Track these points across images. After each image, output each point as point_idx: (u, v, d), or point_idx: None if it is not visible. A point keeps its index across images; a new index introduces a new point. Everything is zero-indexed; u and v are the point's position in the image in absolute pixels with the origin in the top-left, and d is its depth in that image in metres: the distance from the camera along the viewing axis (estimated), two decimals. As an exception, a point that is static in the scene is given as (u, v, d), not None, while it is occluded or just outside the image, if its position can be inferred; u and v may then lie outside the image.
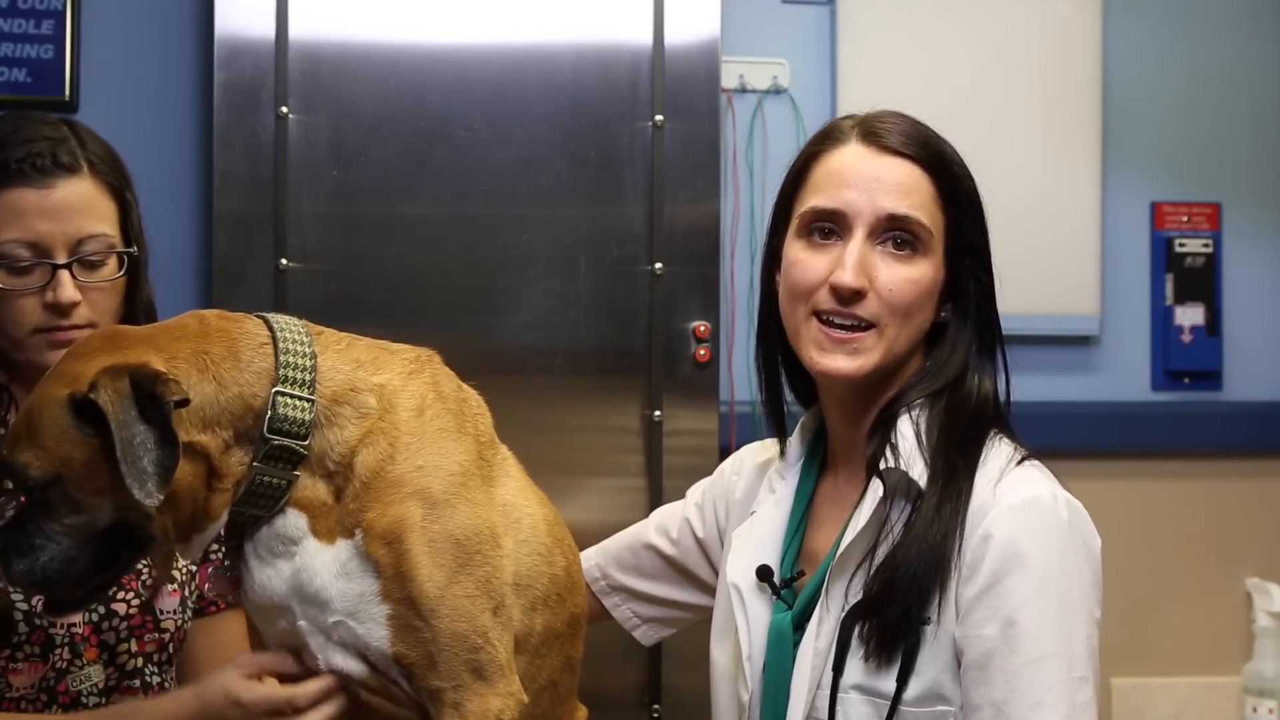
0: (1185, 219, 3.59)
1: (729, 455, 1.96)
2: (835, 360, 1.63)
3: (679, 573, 1.93)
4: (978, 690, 1.53)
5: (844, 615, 1.59)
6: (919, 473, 1.59)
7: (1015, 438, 1.66)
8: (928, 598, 1.55)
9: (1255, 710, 3.47)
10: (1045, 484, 1.58)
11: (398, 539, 1.47)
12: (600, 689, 2.15)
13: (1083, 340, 3.56)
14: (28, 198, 1.72)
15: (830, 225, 1.65)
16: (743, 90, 3.41)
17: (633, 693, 2.97)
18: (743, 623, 1.70)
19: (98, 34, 3.20)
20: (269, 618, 1.54)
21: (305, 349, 1.50)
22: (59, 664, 1.76)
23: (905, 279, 1.63)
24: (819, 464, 1.77)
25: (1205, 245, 3.58)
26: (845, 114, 1.74)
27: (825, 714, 1.58)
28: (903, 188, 1.63)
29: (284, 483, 1.48)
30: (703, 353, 2.96)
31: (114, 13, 3.22)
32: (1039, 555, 1.53)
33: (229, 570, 1.88)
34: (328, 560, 1.48)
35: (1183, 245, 3.58)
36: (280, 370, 1.48)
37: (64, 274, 1.73)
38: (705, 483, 1.95)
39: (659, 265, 2.95)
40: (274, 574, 1.50)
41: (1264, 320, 3.63)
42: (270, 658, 1.56)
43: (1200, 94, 3.61)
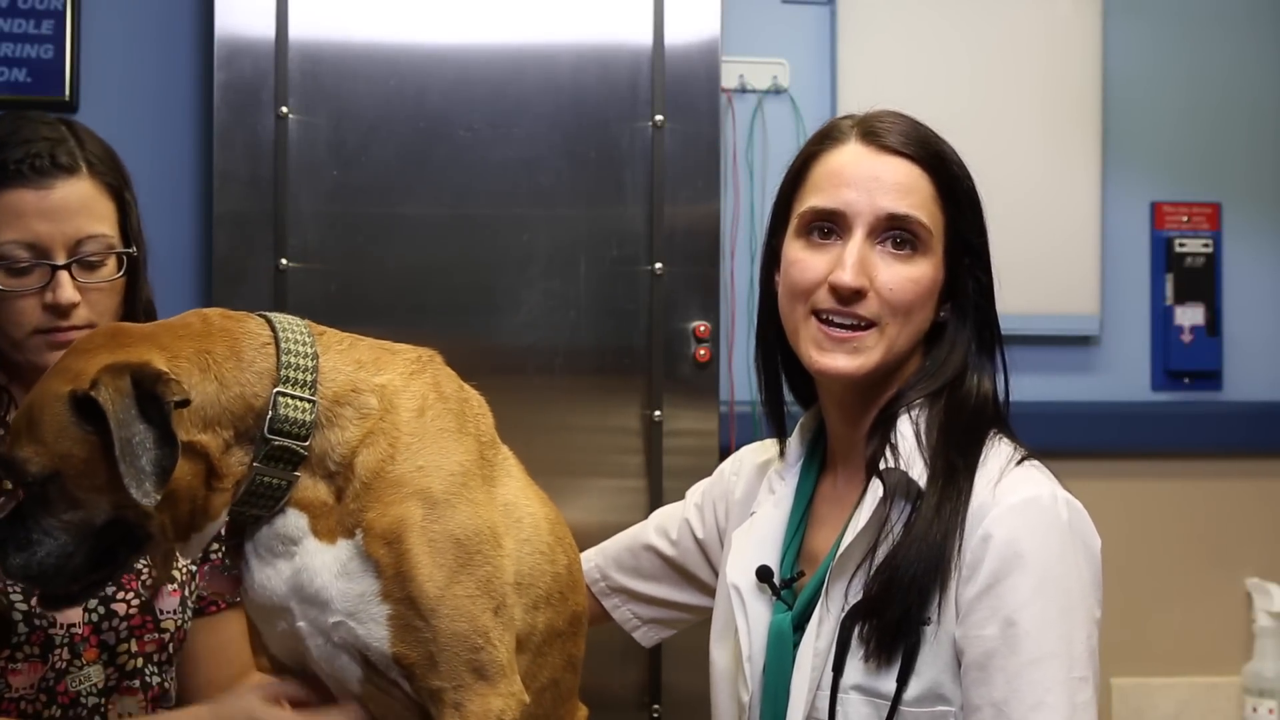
0: (1185, 219, 3.59)
1: (729, 455, 1.96)
2: (835, 359, 1.63)
3: (679, 574, 1.93)
4: (978, 690, 1.53)
5: (844, 615, 1.59)
6: (919, 473, 1.59)
7: (1015, 438, 1.66)
8: (928, 598, 1.55)
9: (1255, 710, 3.47)
10: (1045, 484, 1.58)
11: (398, 539, 1.47)
12: (600, 689, 2.15)
13: (1083, 340, 3.56)
14: (26, 198, 1.72)
15: (830, 225, 1.65)
16: (743, 90, 3.42)
17: (633, 693, 2.97)
18: (743, 623, 1.70)
19: (98, 34, 3.20)
20: (269, 618, 1.54)
21: (307, 349, 1.50)
22: (58, 664, 1.76)
23: (905, 278, 1.63)
24: (818, 464, 1.77)
25: (1205, 245, 3.58)
26: (844, 114, 1.74)
27: (825, 714, 1.58)
28: (902, 187, 1.63)
29: (284, 483, 1.48)
30: (703, 353, 2.96)
31: (114, 13, 3.22)
32: (1039, 555, 1.53)
33: (228, 570, 1.88)
34: (328, 560, 1.48)
35: (1183, 245, 3.58)
36: (282, 371, 1.48)
37: (63, 275, 1.73)
38: (705, 483, 1.95)
39: (659, 265, 2.95)
40: (274, 574, 1.50)
41: (1264, 320, 3.63)
42: (294, 687, 1.57)
43: (1200, 94, 3.61)
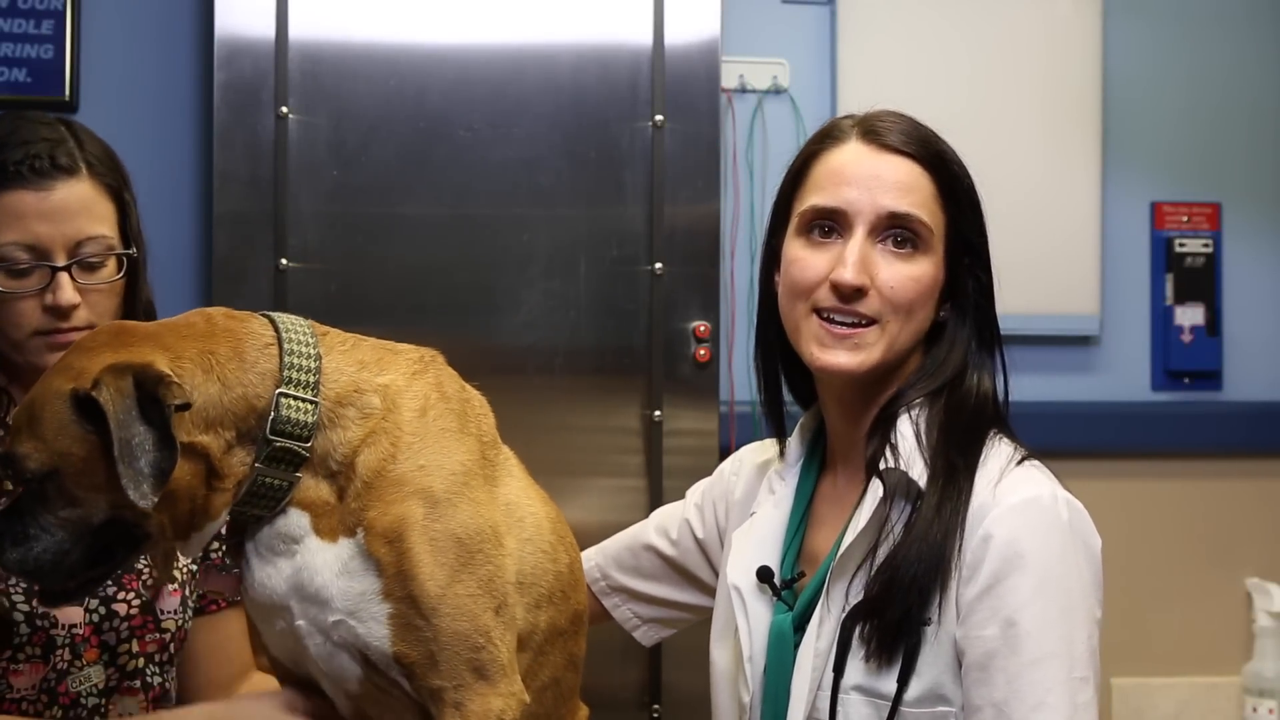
0: (1185, 219, 3.59)
1: (729, 455, 1.96)
2: (836, 356, 1.63)
3: (679, 574, 1.93)
4: (979, 691, 1.53)
5: (845, 616, 1.59)
6: (919, 473, 1.59)
7: (1015, 437, 1.66)
8: (928, 598, 1.55)
9: (1255, 710, 3.47)
10: (1045, 484, 1.58)
11: (399, 537, 1.47)
12: (600, 689, 2.15)
13: (1083, 340, 3.56)
14: (26, 200, 1.71)
15: (830, 223, 1.65)
16: (743, 90, 3.42)
17: (633, 693, 2.97)
18: (743, 624, 1.70)
19: (98, 34, 3.20)
20: (268, 617, 1.54)
21: (310, 350, 1.50)
22: (60, 665, 1.76)
23: (906, 276, 1.63)
24: (818, 464, 1.77)
25: (1205, 245, 3.58)
26: (845, 114, 1.74)
27: (826, 715, 1.58)
28: (903, 186, 1.63)
29: (286, 484, 1.48)
30: (703, 353, 2.96)
31: (114, 13, 3.22)
32: (1039, 556, 1.53)
33: (228, 569, 1.88)
34: (329, 559, 1.48)
35: (1183, 245, 3.58)
36: (284, 372, 1.48)
37: (63, 276, 1.72)
38: (705, 483, 1.95)
39: (659, 265, 2.95)
40: (274, 572, 1.50)
41: (1264, 320, 3.63)
42: (313, 703, 1.56)
43: (1200, 94, 3.61)
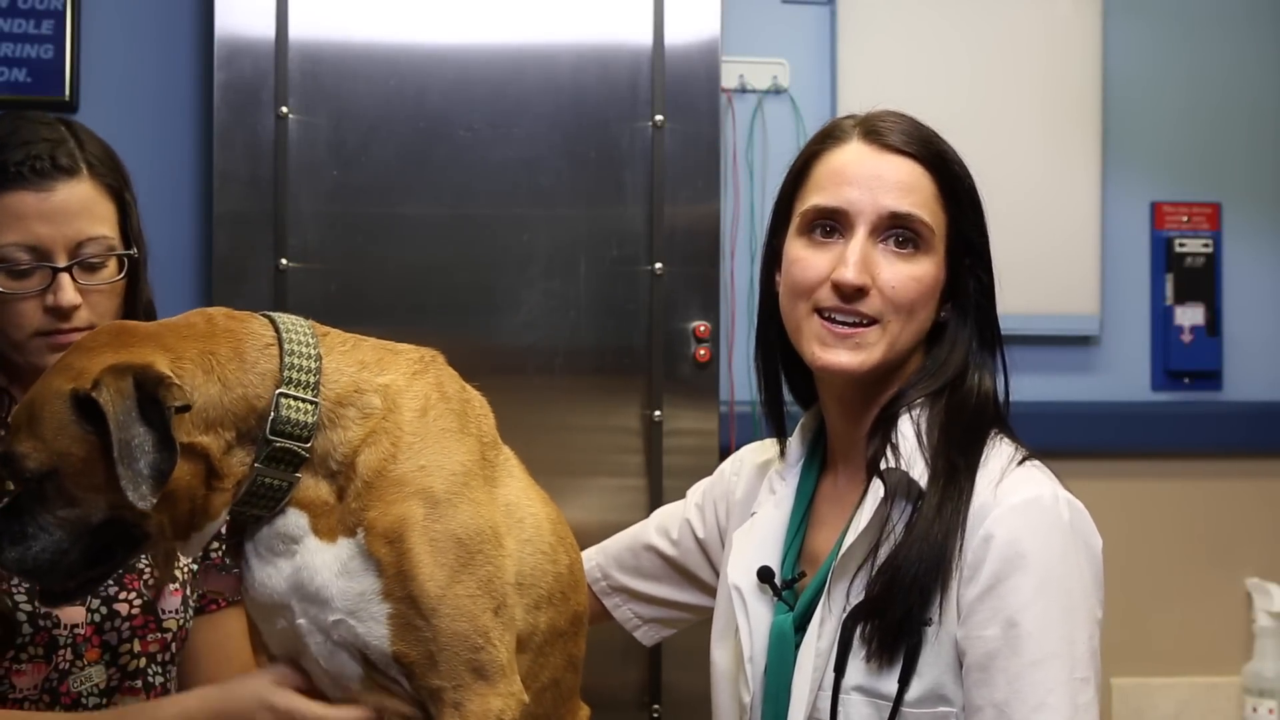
0: (1185, 219, 3.59)
1: (729, 455, 1.96)
2: (838, 355, 1.63)
3: (679, 574, 1.93)
4: (980, 691, 1.53)
5: (845, 616, 1.59)
6: (920, 473, 1.59)
7: (1016, 438, 1.66)
8: (929, 598, 1.55)
9: (1255, 710, 3.47)
10: (1046, 484, 1.58)
11: (399, 538, 1.47)
12: (600, 689, 2.14)
13: (1083, 340, 3.56)
14: (27, 201, 1.71)
15: (832, 223, 1.65)
16: (743, 90, 3.41)
17: (633, 693, 2.97)
18: (744, 624, 1.70)
19: (98, 34, 3.20)
20: (269, 616, 1.54)
21: (310, 350, 1.50)
22: (62, 665, 1.76)
23: (907, 276, 1.63)
24: (819, 464, 1.77)
25: (1205, 245, 3.58)
26: (846, 114, 1.74)
27: (827, 715, 1.58)
28: (904, 186, 1.64)
29: (285, 484, 1.48)
30: (703, 353, 2.96)
31: (114, 13, 3.22)
32: (1040, 556, 1.53)
33: (228, 568, 1.88)
34: (329, 559, 1.48)
35: (1183, 245, 3.58)
36: (285, 372, 1.48)
37: (64, 277, 1.72)
38: (705, 483, 1.95)
39: (659, 265, 2.95)
40: (274, 572, 1.50)
41: (1264, 320, 3.63)
42: (304, 677, 1.56)
43: (1200, 94, 3.61)
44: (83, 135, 1.80)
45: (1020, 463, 1.60)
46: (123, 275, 1.78)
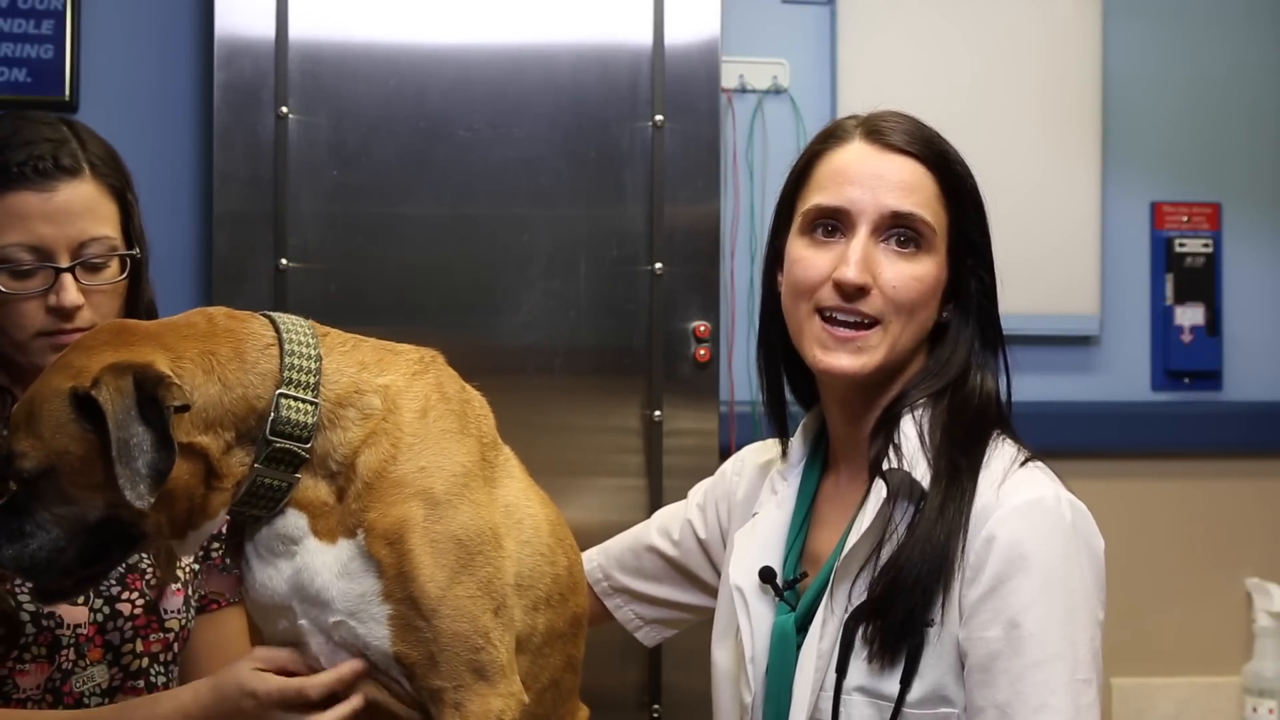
0: (1185, 219, 3.59)
1: (729, 455, 1.96)
2: (839, 358, 1.63)
3: (681, 574, 1.93)
4: (981, 693, 1.53)
5: (847, 617, 1.59)
6: (922, 473, 1.59)
7: (1018, 438, 1.66)
8: (931, 599, 1.55)
9: (1255, 710, 3.47)
10: (1049, 485, 1.58)
11: (400, 539, 1.47)
12: (600, 689, 2.15)
13: (1083, 340, 3.56)
14: (29, 201, 1.71)
15: (834, 223, 1.65)
16: (743, 90, 3.41)
17: (633, 693, 2.97)
18: (745, 624, 1.70)
19: (98, 34, 3.20)
20: (270, 617, 1.54)
21: (310, 351, 1.50)
22: (64, 665, 1.76)
23: (909, 276, 1.63)
24: (820, 464, 1.77)
25: (1205, 245, 3.58)
26: (848, 114, 1.74)
27: (828, 716, 1.58)
28: (906, 185, 1.64)
29: (285, 485, 1.48)
30: (703, 353, 2.96)
31: (114, 13, 3.22)
32: (1043, 557, 1.53)
33: (228, 569, 1.88)
34: (329, 560, 1.48)
35: (1183, 245, 3.58)
36: (285, 372, 1.48)
37: (67, 277, 1.72)
38: (707, 484, 1.95)
39: (659, 265, 2.95)
40: (274, 573, 1.50)
41: (1264, 320, 3.63)
42: (286, 654, 1.55)
43: (1200, 94, 3.61)
44: (85, 135, 1.80)
45: (1023, 464, 1.60)
46: (125, 275, 1.78)
